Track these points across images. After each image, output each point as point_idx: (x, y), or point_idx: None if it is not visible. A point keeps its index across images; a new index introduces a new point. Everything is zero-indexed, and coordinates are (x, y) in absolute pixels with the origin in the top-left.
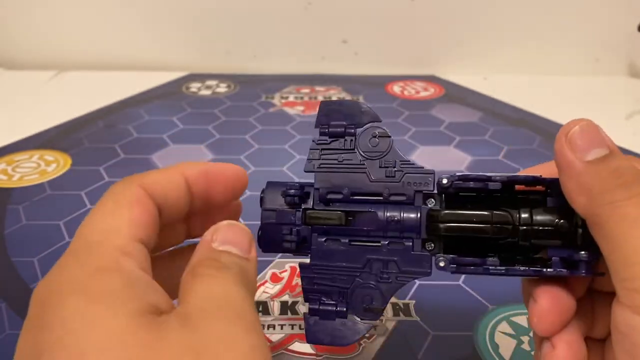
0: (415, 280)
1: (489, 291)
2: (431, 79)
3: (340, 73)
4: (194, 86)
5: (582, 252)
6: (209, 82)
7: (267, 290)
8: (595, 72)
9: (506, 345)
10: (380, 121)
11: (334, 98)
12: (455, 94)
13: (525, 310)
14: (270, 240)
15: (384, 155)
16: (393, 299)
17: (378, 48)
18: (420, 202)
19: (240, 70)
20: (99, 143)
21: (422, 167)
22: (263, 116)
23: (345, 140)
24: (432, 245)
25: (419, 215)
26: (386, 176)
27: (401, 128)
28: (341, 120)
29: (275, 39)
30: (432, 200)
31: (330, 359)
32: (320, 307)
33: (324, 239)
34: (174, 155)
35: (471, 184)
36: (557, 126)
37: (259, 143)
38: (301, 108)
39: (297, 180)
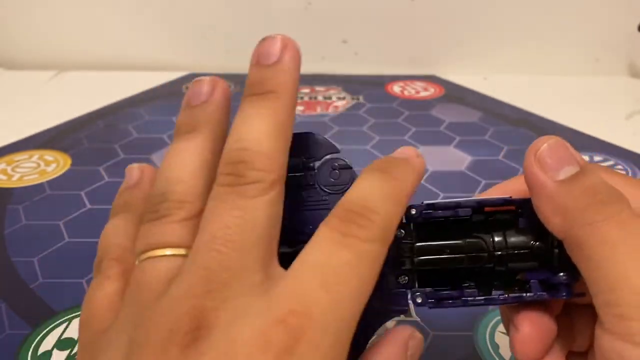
0: None
1: None
2: (431, 79)
3: (340, 73)
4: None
5: (561, 274)
6: None
7: None
8: (595, 72)
9: (506, 345)
10: (338, 152)
11: (334, 98)
12: (455, 94)
13: None
14: None
15: (347, 189)
16: None
17: (378, 48)
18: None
19: (240, 70)
20: (99, 143)
21: None
22: None
23: (306, 176)
24: (406, 278)
25: (390, 249)
26: None
27: (401, 128)
28: (298, 156)
29: None
30: (402, 231)
31: None
32: None
33: None
34: None
35: (440, 212)
36: (557, 126)
37: None
38: (301, 108)
39: None
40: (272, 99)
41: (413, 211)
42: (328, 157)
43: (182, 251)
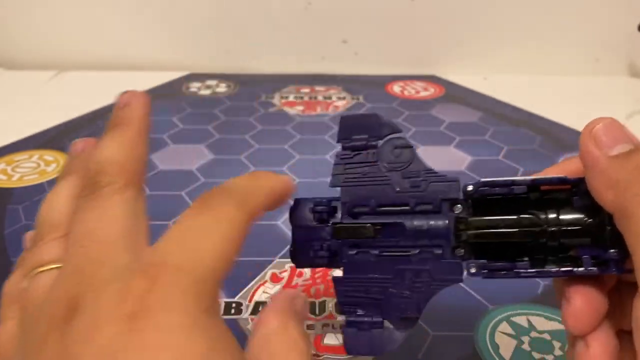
0: None
1: (489, 291)
2: (431, 79)
3: (340, 73)
4: (194, 86)
5: (612, 251)
6: (209, 82)
7: (267, 290)
8: (595, 72)
9: (506, 345)
10: (401, 131)
11: (334, 98)
12: (455, 94)
13: (525, 311)
14: (302, 256)
15: (407, 166)
16: None
17: (378, 48)
18: (447, 210)
19: (240, 70)
20: None
21: (446, 175)
22: (263, 116)
23: (368, 153)
24: (462, 251)
25: (446, 222)
26: (411, 186)
27: (401, 128)
28: (362, 134)
29: (275, 39)
30: (459, 206)
31: (330, 359)
32: (357, 319)
33: (354, 252)
34: (174, 155)
35: (497, 189)
36: (557, 126)
37: (259, 143)
38: (301, 108)
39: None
40: (121, 127)
41: (470, 188)
42: (390, 136)
43: (59, 264)
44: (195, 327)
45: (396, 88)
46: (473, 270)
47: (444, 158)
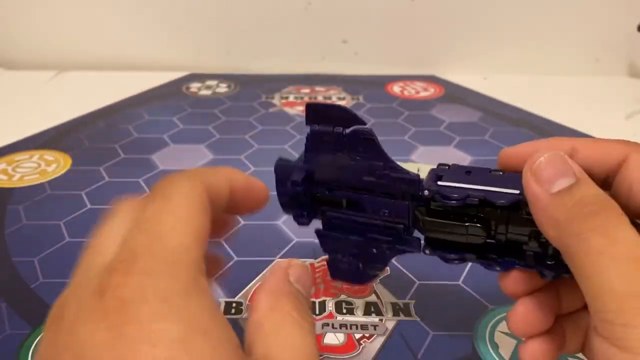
0: (415, 280)
1: (489, 291)
2: (431, 79)
3: (340, 73)
4: (194, 86)
5: (549, 262)
6: (209, 82)
7: None
8: (595, 72)
9: (506, 345)
10: (365, 123)
11: (334, 98)
12: (455, 94)
13: None
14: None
15: (371, 158)
16: (393, 299)
17: (378, 48)
18: (407, 204)
19: (240, 70)
20: (99, 143)
21: (408, 172)
22: (263, 116)
23: (335, 141)
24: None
25: (407, 213)
26: (376, 178)
27: (401, 128)
28: (329, 122)
29: (275, 39)
30: (426, 191)
31: (330, 359)
32: (338, 261)
33: (334, 215)
34: (174, 155)
35: (452, 202)
36: (557, 126)
37: (259, 143)
38: (301, 108)
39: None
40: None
41: (426, 192)
42: (356, 127)
43: None
44: (170, 313)
45: (396, 88)
46: (428, 252)
47: (444, 158)
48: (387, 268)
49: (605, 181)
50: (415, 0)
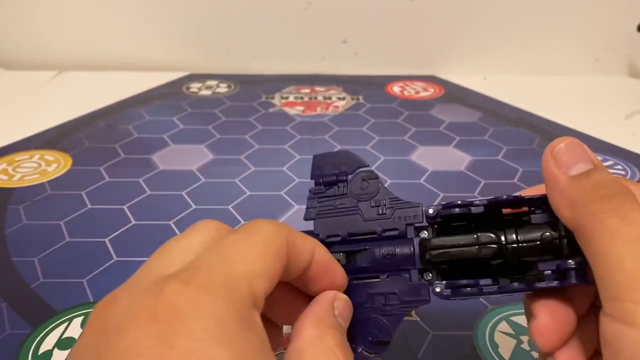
0: None
1: None
2: (431, 79)
3: (340, 73)
4: (194, 86)
5: (570, 261)
6: (209, 82)
7: None
8: (595, 72)
9: (506, 345)
10: (368, 165)
11: (334, 98)
12: (455, 94)
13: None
14: None
15: (374, 196)
16: None
17: (378, 48)
18: (412, 234)
19: (240, 70)
20: (100, 143)
21: (409, 202)
22: (263, 116)
23: (339, 187)
24: (430, 275)
25: (412, 247)
26: (378, 214)
27: (401, 128)
28: (333, 169)
29: (275, 39)
30: (425, 232)
31: None
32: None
33: None
34: (174, 155)
35: (456, 210)
36: (556, 126)
37: (259, 143)
38: (301, 108)
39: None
40: None
41: (431, 211)
42: (359, 170)
43: None
44: (222, 338)
45: (396, 88)
46: (438, 290)
47: (443, 158)
48: None
49: None
50: (415, 0)
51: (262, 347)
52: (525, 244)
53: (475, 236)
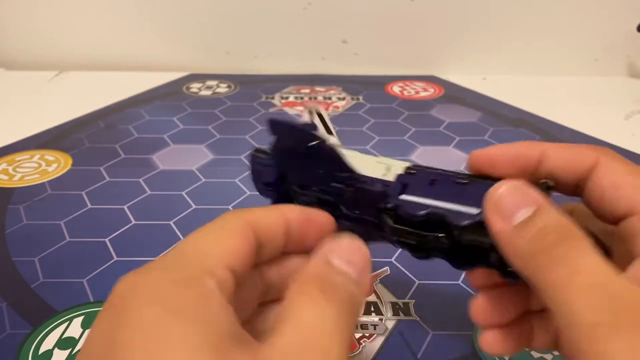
0: (415, 280)
1: None
2: (431, 79)
3: (340, 73)
4: (195, 86)
5: (510, 269)
6: (210, 83)
7: None
8: (595, 72)
9: None
10: (325, 141)
11: (334, 98)
12: (455, 94)
13: None
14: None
15: (337, 170)
16: (393, 299)
17: (378, 48)
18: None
19: (240, 71)
20: (100, 143)
21: (373, 184)
22: (263, 116)
23: (299, 156)
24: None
25: (376, 217)
26: (345, 186)
27: (401, 128)
28: (293, 138)
29: (275, 39)
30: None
31: None
32: None
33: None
34: (174, 155)
35: (413, 219)
36: (557, 126)
37: (259, 143)
38: (301, 108)
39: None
40: None
41: (389, 205)
42: (319, 142)
43: None
44: (163, 304)
45: (396, 88)
46: (399, 246)
47: (443, 158)
48: (387, 268)
49: (577, 186)
50: (415, 0)
51: (212, 313)
52: (476, 244)
53: (426, 235)
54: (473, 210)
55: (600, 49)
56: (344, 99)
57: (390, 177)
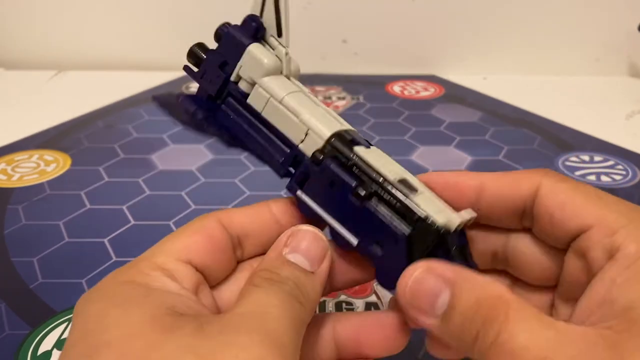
0: None
1: None
2: (431, 79)
3: (340, 73)
4: (195, 86)
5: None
6: None
7: None
8: (595, 72)
9: None
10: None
11: (334, 98)
12: (455, 94)
13: None
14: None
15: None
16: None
17: (378, 48)
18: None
19: None
20: (99, 143)
21: (282, 149)
22: None
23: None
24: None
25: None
26: (260, 125)
27: (401, 128)
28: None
29: None
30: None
31: None
32: None
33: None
34: (174, 155)
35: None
36: (557, 126)
37: None
38: None
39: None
40: None
41: (284, 191)
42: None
43: None
44: (98, 293)
45: (396, 88)
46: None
47: (444, 158)
48: None
49: (523, 216)
50: (415, 1)
51: (153, 298)
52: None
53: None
54: (352, 240)
55: (601, 49)
56: (344, 98)
57: (305, 148)
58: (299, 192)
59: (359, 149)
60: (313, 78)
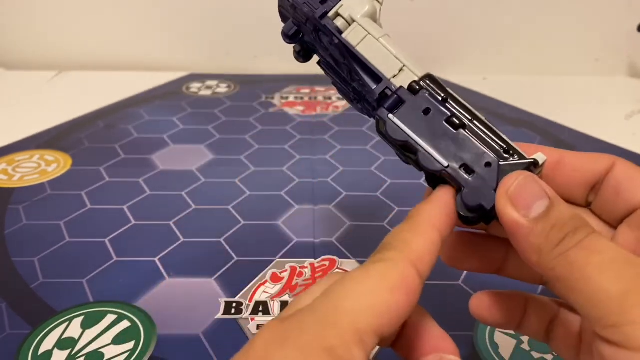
0: None
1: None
2: None
3: None
4: (194, 86)
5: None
6: (209, 83)
7: (267, 290)
8: (595, 72)
9: (506, 345)
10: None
11: (334, 98)
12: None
13: None
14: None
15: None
16: None
17: None
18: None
19: (240, 71)
20: (99, 143)
21: (372, 88)
22: (263, 116)
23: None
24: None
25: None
26: (350, 77)
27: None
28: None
29: (275, 39)
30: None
31: None
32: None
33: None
34: (174, 155)
35: (390, 142)
36: (557, 126)
37: (259, 143)
38: (301, 108)
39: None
40: None
41: (377, 117)
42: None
43: None
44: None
45: None
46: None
47: None
48: None
49: (592, 189)
50: (415, 1)
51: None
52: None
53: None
54: (443, 162)
55: (601, 49)
56: (344, 99)
57: (397, 82)
58: (390, 115)
59: (449, 89)
60: (313, 78)
